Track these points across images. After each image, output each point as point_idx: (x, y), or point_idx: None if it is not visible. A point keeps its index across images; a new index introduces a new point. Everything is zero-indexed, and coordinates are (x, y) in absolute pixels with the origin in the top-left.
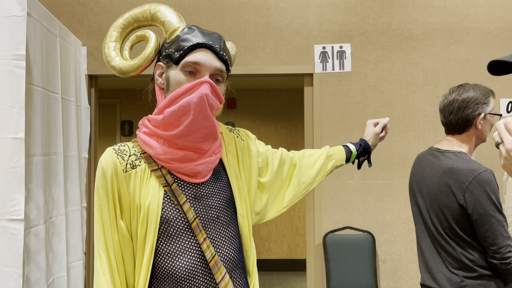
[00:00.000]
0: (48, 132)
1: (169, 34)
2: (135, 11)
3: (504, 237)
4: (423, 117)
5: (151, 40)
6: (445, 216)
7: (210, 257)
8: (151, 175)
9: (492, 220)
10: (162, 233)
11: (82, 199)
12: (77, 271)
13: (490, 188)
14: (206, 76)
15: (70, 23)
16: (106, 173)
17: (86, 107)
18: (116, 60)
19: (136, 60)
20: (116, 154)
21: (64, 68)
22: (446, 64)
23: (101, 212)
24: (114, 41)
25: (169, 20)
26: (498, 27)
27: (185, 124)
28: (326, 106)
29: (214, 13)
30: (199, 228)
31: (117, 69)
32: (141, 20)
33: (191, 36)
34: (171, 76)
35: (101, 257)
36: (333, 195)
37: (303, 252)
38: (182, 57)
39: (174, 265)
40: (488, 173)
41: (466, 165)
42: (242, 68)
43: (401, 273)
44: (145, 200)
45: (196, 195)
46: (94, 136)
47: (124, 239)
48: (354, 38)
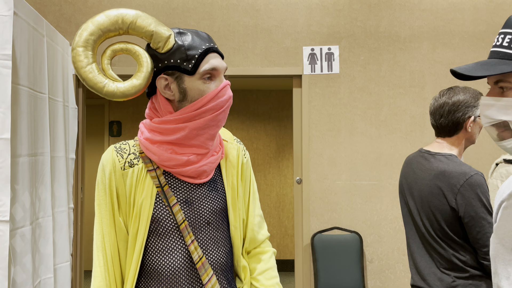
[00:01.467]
0: (35, 132)
1: (162, 44)
2: (101, 21)
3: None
4: (410, 119)
5: (143, 55)
6: (437, 218)
7: (197, 258)
8: (147, 175)
9: (483, 223)
10: (152, 231)
11: (69, 200)
12: (64, 273)
13: (481, 191)
14: (222, 78)
15: (58, 22)
16: (105, 170)
17: (73, 107)
18: (109, 84)
19: (136, 80)
20: (116, 152)
21: (51, 68)
22: (433, 67)
23: (100, 206)
24: (93, 62)
25: (157, 28)
26: (483, 30)
27: (208, 117)
28: (315, 107)
29: (203, 14)
30: (187, 230)
31: (117, 94)
32: (112, 31)
33: (193, 42)
34: (189, 87)
35: (98, 250)
36: (321, 196)
37: (291, 253)
38: (197, 66)
39: (161, 262)
40: (479, 176)
41: (457, 168)
42: (231, 69)
43: (388, 272)
44: (138, 198)
45: (187, 199)
46: (82, 137)
47: (121, 234)
48: (342, 40)
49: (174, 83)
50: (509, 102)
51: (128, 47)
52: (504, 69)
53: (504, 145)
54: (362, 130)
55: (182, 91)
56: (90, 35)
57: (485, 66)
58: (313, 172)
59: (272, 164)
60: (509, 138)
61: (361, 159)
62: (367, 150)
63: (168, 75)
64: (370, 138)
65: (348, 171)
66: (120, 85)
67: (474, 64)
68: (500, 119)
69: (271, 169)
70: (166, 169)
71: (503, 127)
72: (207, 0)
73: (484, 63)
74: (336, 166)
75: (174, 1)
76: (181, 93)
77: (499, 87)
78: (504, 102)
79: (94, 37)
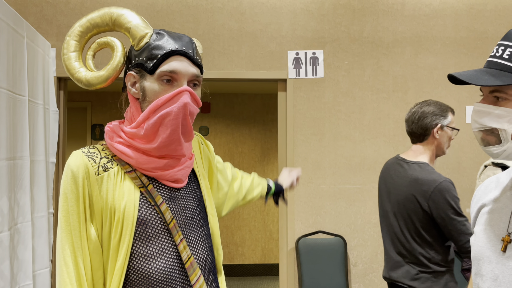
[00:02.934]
0: (14, 135)
1: (137, 41)
2: (93, 15)
3: (466, 234)
4: (393, 123)
5: (117, 49)
6: (412, 220)
7: (186, 258)
8: (125, 177)
9: (454, 222)
10: (138, 235)
11: (49, 205)
12: (43, 280)
13: (449, 195)
14: (184, 83)
15: (39, 24)
16: (76, 177)
17: (54, 110)
18: (81, 72)
19: (104, 71)
20: (87, 156)
21: (31, 70)
22: (415, 72)
23: (69, 217)
24: (74, 51)
25: (135, 25)
26: (464, 37)
27: (167, 134)
28: (299, 111)
29: (187, 17)
30: (176, 229)
31: (83, 82)
32: (100, 26)
33: (162, 42)
34: (147, 87)
35: (67, 266)
36: (306, 200)
37: (276, 257)
38: (157, 66)
39: (150, 267)
40: (447, 182)
41: (428, 176)
42: (216, 72)
43: (371, 276)
44: (120, 202)
45: (171, 196)
46: (63, 140)
47: (91, 245)
48: (326, 44)
49: (139, 81)
50: (503, 112)
51: (109, 40)
52: (506, 80)
53: (490, 151)
54: (346, 134)
55: (142, 90)
56: (79, 26)
57: (486, 75)
58: None
59: (257, 168)
60: (495, 144)
61: (345, 163)
62: (351, 154)
63: (136, 73)
64: (354, 142)
65: (332, 175)
66: (88, 74)
67: (475, 72)
68: (490, 126)
69: (256, 172)
70: (145, 173)
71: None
72: (192, 3)
73: (484, 71)
74: (321, 170)
75: (158, 3)
76: (142, 91)
77: (494, 96)
78: (498, 111)
79: (82, 29)
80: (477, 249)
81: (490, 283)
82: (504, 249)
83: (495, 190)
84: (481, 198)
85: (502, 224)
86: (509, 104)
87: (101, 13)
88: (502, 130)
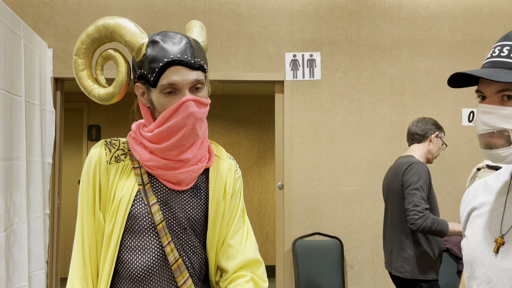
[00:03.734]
0: (10, 136)
1: (136, 53)
2: (89, 31)
3: (414, 204)
4: (389, 125)
5: (120, 63)
6: (394, 201)
7: (173, 260)
8: (131, 172)
9: (410, 193)
10: (128, 228)
11: (45, 205)
12: (39, 281)
13: (418, 172)
14: (186, 92)
15: (36, 24)
16: (91, 162)
17: (51, 110)
18: (95, 89)
19: (112, 88)
20: (106, 145)
21: (28, 70)
22: (412, 74)
23: (82, 198)
24: (84, 69)
25: (131, 37)
26: (460, 40)
27: (174, 140)
28: (297, 113)
29: (185, 18)
30: (164, 231)
31: (98, 99)
32: (100, 39)
33: (157, 53)
34: (153, 99)
35: (78, 241)
36: (303, 201)
37: (273, 259)
38: (157, 80)
39: (134, 260)
40: (420, 164)
41: (407, 160)
42: (213, 74)
43: (368, 278)
44: (118, 194)
45: (167, 201)
46: (59, 141)
47: (99, 228)
48: (324, 47)
49: (147, 92)
50: None
51: (111, 54)
52: None
53: (497, 153)
54: (343, 136)
55: (150, 101)
56: (81, 44)
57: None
58: (294, 177)
59: (254, 170)
60: (502, 147)
61: (342, 164)
62: (348, 156)
63: (142, 84)
64: (350, 144)
65: (329, 176)
66: (101, 91)
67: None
68: (501, 127)
69: (253, 174)
70: (147, 170)
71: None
72: (190, 5)
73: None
74: (317, 172)
75: (155, 5)
76: (150, 103)
77: (502, 95)
78: (507, 111)
79: (85, 46)
80: (469, 252)
81: (485, 286)
82: (497, 250)
83: (484, 193)
84: (471, 202)
85: (494, 226)
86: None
87: (96, 27)
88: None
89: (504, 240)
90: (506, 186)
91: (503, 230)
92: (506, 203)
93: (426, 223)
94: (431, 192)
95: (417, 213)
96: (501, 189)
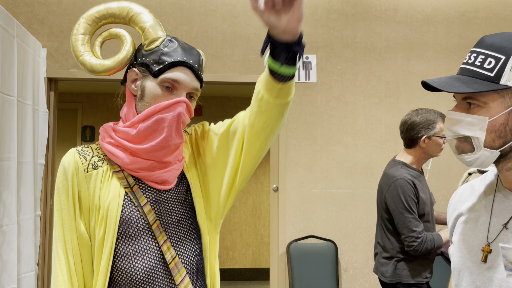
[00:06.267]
0: (1, 136)
1: (149, 42)
2: (111, 5)
3: (409, 230)
4: (384, 128)
5: (127, 43)
6: (380, 209)
7: (170, 259)
8: (113, 176)
9: (401, 216)
10: (121, 234)
11: (37, 207)
12: (28, 283)
13: (401, 191)
14: (183, 94)
15: (30, 24)
16: (67, 172)
17: (44, 111)
18: (85, 56)
19: (109, 61)
20: (79, 154)
21: (21, 70)
22: (407, 78)
23: (61, 211)
24: (84, 34)
25: (150, 27)
26: (456, 43)
27: (158, 140)
28: (292, 115)
29: (181, 19)
30: (159, 230)
31: (87, 66)
32: (116, 17)
33: (172, 51)
34: (148, 88)
35: (59, 257)
36: (297, 204)
37: (267, 261)
38: (162, 71)
39: (133, 266)
40: (403, 180)
41: (394, 172)
42: (209, 75)
43: (362, 281)
44: (104, 201)
45: (157, 199)
46: (53, 141)
47: (82, 240)
48: (319, 49)
49: (141, 79)
50: (475, 120)
51: (121, 33)
52: (477, 88)
53: (463, 159)
54: (338, 138)
55: (142, 89)
56: (96, 12)
57: (458, 82)
58: (289, 180)
59: None
60: (468, 152)
61: (337, 167)
62: (343, 158)
63: (140, 71)
64: (345, 147)
65: (324, 179)
66: (93, 60)
67: (447, 79)
68: (463, 134)
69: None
70: (131, 173)
71: (464, 140)
72: (185, 6)
73: (456, 78)
74: (312, 174)
75: (151, 5)
76: (141, 90)
77: (467, 102)
78: (470, 119)
79: (98, 15)
80: (456, 259)
81: None
82: (485, 260)
83: (471, 198)
84: (457, 207)
85: (481, 234)
86: (481, 111)
87: (121, 5)
88: (475, 138)
89: (491, 248)
90: (492, 188)
91: (490, 238)
92: (492, 208)
93: (426, 247)
94: (420, 204)
95: (415, 239)
96: (487, 192)
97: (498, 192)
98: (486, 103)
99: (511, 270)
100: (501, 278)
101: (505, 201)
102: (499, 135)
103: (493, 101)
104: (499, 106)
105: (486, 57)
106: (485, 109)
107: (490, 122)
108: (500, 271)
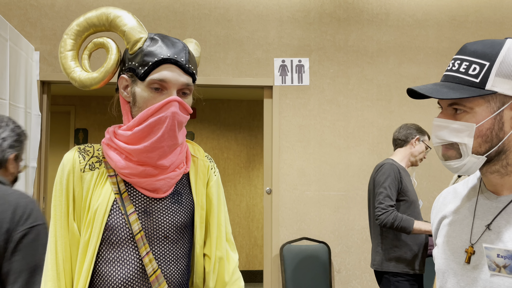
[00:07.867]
0: None
1: (131, 45)
2: (90, 15)
3: (379, 202)
4: (377, 131)
5: (112, 51)
6: (371, 201)
7: (152, 271)
8: (107, 180)
9: (379, 192)
10: (105, 239)
11: None
12: None
13: (387, 172)
14: (173, 92)
15: (23, 26)
16: (65, 169)
17: (37, 114)
18: (76, 71)
19: (98, 73)
20: (79, 153)
21: (13, 73)
22: (399, 81)
23: (55, 208)
24: (71, 50)
25: (130, 29)
26: (446, 47)
27: (152, 140)
28: (285, 118)
29: (174, 22)
30: (142, 241)
31: (78, 82)
32: (97, 26)
33: (155, 49)
34: (137, 93)
35: (51, 252)
36: (291, 206)
37: (261, 263)
38: (147, 73)
39: (113, 273)
40: (389, 164)
41: (382, 162)
42: (202, 78)
43: (355, 283)
44: (94, 204)
45: (146, 209)
46: (45, 144)
47: (74, 238)
48: (312, 53)
49: (131, 85)
50: (462, 126)
51: (105, 41)
52: (464, 93)
53: (450, 165)
54: (331, 141)
55: (133, 95)
56: (77, 25)
57: (445, 89)
58: (283, 182)
59: (242, 174)
60: (454, 159)
61: (330, 170)
62: (336, 161)
63: (128, 77)
64: (338, 149)
65: (317, 181)
66: (82, 75)
67: (433, 86)
68: (451, 140)
69: (241, 179)
70: (123, 178)
71: (451, 147)
72: (179, 9)
73: (442, 85)
74: (306, 177)
75: (145, 8)
76: (132, 96)
77: (453, 108)
78: (457, 125)
79: (79, 28)
80: (441, 261)
81: None
82: (468, 261)
83: (454, 201)
84: (441, 210)
85: (464, 235)
86: (467, 117)
87: (99, 13)
88: (463, 144)
89: (474, 250)
90: (475, 191)
91: (473, 239)
92: (475, 210)
93: (388, 219)
94: (404, 192)
95: (381, 209)
96: (470, 195)
97: (481, 194)
98: (472, 108)
99: (494, 270)
100: (485, 278)
101: (487, 203)
102: (486, 140)
103: (479, 106)
104: (485, 111)
105: (471, 64)
106: (471, 114)
107: (477, 127)
108: (485, 272)
